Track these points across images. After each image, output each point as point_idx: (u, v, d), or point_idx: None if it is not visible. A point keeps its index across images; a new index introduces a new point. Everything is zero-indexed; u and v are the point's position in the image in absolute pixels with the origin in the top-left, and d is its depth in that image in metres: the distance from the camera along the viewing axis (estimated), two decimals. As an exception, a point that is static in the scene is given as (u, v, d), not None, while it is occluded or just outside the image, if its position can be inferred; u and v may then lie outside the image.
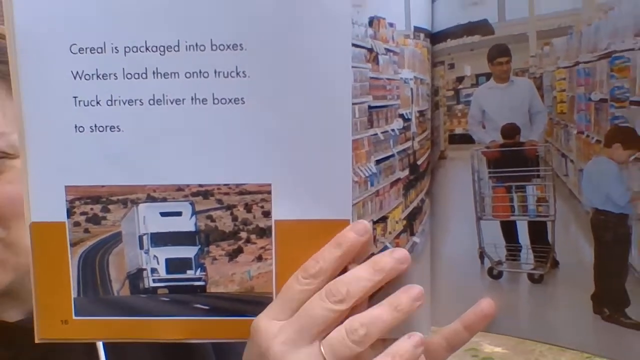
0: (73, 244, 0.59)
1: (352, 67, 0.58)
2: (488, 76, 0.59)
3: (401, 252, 0.57)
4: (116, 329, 0.60)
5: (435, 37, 0.63)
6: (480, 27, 0.57)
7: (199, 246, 0.59)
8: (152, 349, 0.78)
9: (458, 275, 0.68)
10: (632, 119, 0.52)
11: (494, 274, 0.65)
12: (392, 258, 0.56)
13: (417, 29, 0.61)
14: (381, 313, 0.53)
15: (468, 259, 0.65)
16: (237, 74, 0.55)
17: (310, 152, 0.57)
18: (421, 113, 0.64)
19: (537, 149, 0.58)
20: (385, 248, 0.61)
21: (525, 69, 0.56)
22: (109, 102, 0.56)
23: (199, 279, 0.59)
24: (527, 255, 0.63)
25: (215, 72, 0.55)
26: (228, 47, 0.55)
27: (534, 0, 0.53)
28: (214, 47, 0.55)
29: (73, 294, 0.59)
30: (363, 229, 0.57)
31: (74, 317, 0.59)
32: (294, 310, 0.53)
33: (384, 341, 0.56)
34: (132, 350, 0.76)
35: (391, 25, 0.59)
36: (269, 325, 0.54)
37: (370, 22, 0.58)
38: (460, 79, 0.61)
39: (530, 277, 0.63)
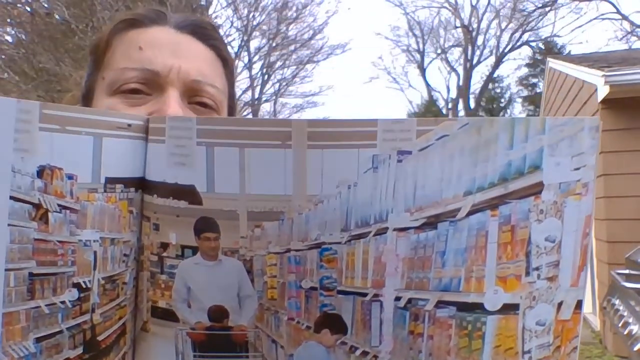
0: None
1: (10, 225, 0.44)
2: (195, 250, 0.50)
3: None
4: None
5: (147, 186, 0.52)
6: (187, 193, 0.49)
7: None
8: None
9: None
10: (338, 306, 0.50)
11: None
12: None
13: (113, 180, 0.49)
14: None
15: None
16: None
17: None
18: (110, 279, 0.51)
19: (246, 334, 0.51)
20: None
21: (235, 249, 0.50)
22: None
23: None
24: None
25: None
26: None
27: (245, 177, 0.47)
28: None
29: None
30: None
31: None
32: None
33: None
34: None
35: (70, 177, 0.46)
36: None
37: (40, 172, 0.44)
38: (164, 246, 0.52)
39: None
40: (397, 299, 0.50)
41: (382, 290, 0.49)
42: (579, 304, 0.48)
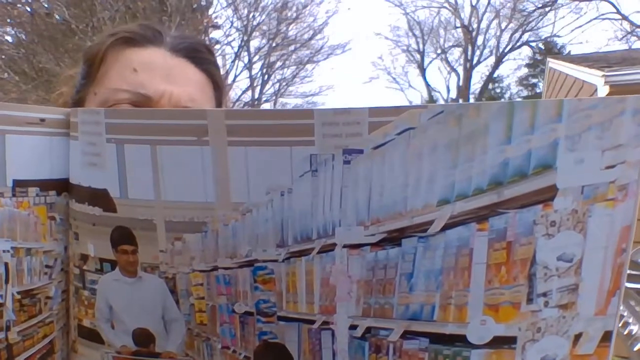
0: None
1: None
2: (114, 264, 0.43)
3: None
4: None
5: (69, 189, 0.45)
6: (101, 198, 0.41)
7: None
8: None
9: None
10: (281, 335, 0.42)
11: None
12: None
13: (24, 183, 0.43)
14: None
15: None
16: None
17: None
18: (28, 293, 0.45)
19: (176, 362, 0.44)
20: None
21: (155, 265, 0.42)
22: None
23: None
24: None
25: None
26: None
27: (160, 180, 0.39)
28: None
29: None
30: None
31: None
32: None
33: None
34: None
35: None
36: None
37: None
38: (84, 258, 0.45)
39: None
40: (353, 327, 0.41)
41: (333, 317, 0.40)
42: (606, 336, 0.38)
